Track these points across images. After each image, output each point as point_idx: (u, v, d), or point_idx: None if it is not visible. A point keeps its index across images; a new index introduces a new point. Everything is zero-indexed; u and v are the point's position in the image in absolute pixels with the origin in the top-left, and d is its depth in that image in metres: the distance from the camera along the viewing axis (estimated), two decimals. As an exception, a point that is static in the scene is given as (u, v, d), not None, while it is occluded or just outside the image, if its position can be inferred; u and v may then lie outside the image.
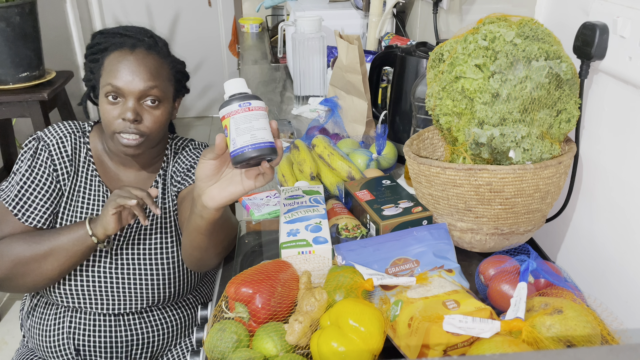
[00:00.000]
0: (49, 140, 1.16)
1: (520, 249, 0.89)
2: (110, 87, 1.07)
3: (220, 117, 0.81)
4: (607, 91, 0.90)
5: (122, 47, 1.09)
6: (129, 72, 1.07)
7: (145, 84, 1.07)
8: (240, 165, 0.80)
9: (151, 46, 1.11)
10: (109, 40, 1.11)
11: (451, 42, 0.94)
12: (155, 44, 1.12)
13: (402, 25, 2.13)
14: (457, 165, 0.87)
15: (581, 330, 0.65)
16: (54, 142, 1.16)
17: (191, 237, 0.99)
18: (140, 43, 1.10)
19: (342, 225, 0.99)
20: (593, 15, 0.88)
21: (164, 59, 1.13)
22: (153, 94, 1.08)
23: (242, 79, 0.83)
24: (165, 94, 1.11)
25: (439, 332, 0.67)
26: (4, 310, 2.36)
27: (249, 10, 3.33)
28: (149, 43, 1.11)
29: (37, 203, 1.13)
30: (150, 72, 1.08)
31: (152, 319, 1.20)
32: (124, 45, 1.09)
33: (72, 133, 1.18)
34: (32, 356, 1.23)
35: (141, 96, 1.08)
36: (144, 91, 1.07)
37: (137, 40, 1.10)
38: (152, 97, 1.09)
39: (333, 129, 1.46)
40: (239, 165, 0.80)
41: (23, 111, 2.02)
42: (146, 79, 1.07)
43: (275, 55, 2.46)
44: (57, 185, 1.15)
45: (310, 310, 0.73)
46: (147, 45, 1.11)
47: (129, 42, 1.10)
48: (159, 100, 1.10)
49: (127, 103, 1.07)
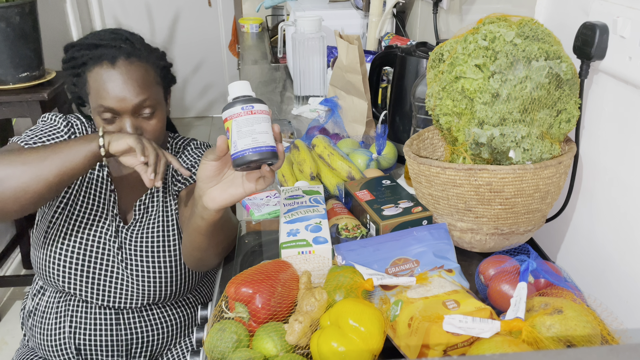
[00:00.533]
0: (71, 120, 1.18)
1: (520, 249, 0.89)
2: (102, 108, 1.06)
3: (223, 119, 0.81)
4: (607, 91, 0.90)
5: (101, 60, 1.06)
6: (118, 89, 1.05)
7: (137, 99, 1.06)
8: (241, 168, 0.80)
9: (130, 52, 1.08)
10: (85, 54, 1.09)
11: (451, 42, 0.94)
12: (133, 48, 1.09)
13: (402, 25, 2.13)
14: (457, 165, 0.87)
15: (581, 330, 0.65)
16: (78, 124, 1.18)
17: (191, 237, 1.00)
18: (118, 52, 1.07)
19: (342, 225, 0.99)
20: (593, 15, 0.88)
21: (146, 62, 1.10)
22: (147, 105, 1.07)
23: (246, 81, 0.83)
24: (157, 101, 1.11)
25: (439, 332, 0.67)
26: (4, 310, 2.36)
27: (249, 10, 3.33)
28: (127, 50, 1.08)
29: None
30: (139, 84, 1.06)
31: (151, 317, 1.20)
32: (102, 58, 1.06)
33: (85, 125, 1.20)
34: (32, 356, 1.23)
35: (135, 110, 1.07)
36: (137, 106, 1.06)
37: (114, 50, 1.07)
38: (147, 109, 1.08)
39: (333, 129, 1.46)
40: (240, 168, 0.80)
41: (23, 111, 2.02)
42: (137, 93, 1.06)
43: (275, 55, 2.46)
44: None
45: (310, 310, 0.73)
46: (126, 53, 1.08)
47: (107, 53, 1.07)
48: (154, 109, 1.09)
49: (124, 121, 1.07)
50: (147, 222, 1.19)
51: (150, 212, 1.19)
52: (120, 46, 1.09)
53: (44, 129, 1.15)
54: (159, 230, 1.19)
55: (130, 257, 1.17)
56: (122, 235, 1.17)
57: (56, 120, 1.18)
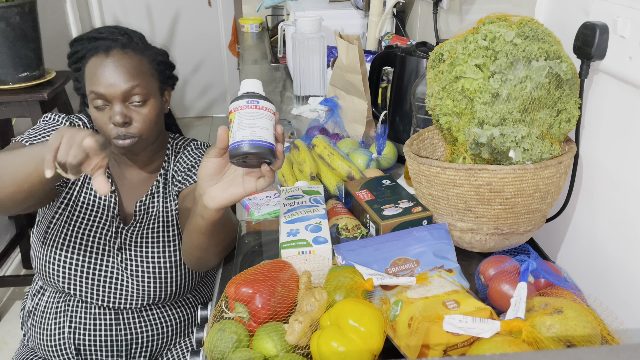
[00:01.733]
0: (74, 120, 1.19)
1: (520, 249, 0.89)
2: (93, 94, 1.07)
3: (228, 112, 0.81)
4: (607, 91, 0.89)
5: (97, 51, 1.09)
6: (108, 76, 1.06)
7: (127, 85, 1.07)
8: (237, 161, 0.80)
9: (126, 44, 1.10)
10: (85, 47, 1.11)
11: (451, 42, 0.94)
12: (130, 41, 1.11)
13: (402, 25, 2.13)
14: (457, 165, 0.87)
15: (581, 330, 0.65)
16: (80, 124, 1.19)
17: (191, 237, 1.00)
18: (114, 44, 1.09)
19: (342, 225, 0.99)
20: (593, 15, 0.88)
21: (141, 55, 1.12)
22: (136, 92, 1.08)
23: (259, 81, 0.83)
24: (149, 91, 1.11)
25: (439, 332, 0.67)
26: (4, 310, 2.36)
27: (249, 10, 3.33)
28: (123, 42, 1.10)
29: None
30: (129, 72, 1.07)
31: (151, 317, 1.20)
32: (98, 50, 1.09)
33: (88, 122, 1.21)
34: (32, 356, 1.23)
35: (125, 98, 1.07)
36: (126, 92, 1.07)
37: (111, 42, 1.09)
38: (136, 96, 1.08)
39: (333, 129, 1.46)
40: (235, 160, 0.79)
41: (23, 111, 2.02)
42: (126, 80, 1.07)
43: (275, 55, 2.46)
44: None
45: (310, 310, 0.73)
46: (121, 45, 1.10)
47: (103, 45, 1.09)
48: (145, 98, 1.10)
49: (114, 107, 1.07)
50: (147, 222, 1.19)
51: (150, 213, 1.19)
52: (117, 38, 1.10)
53: (46, 127, 1.16)
54: (159, 231, 1.19)
55: (130, 258, 1.17)
56: (122, 235, 1.17)
57: (58, 119, 1.18)
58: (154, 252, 1.18)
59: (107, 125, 1.08)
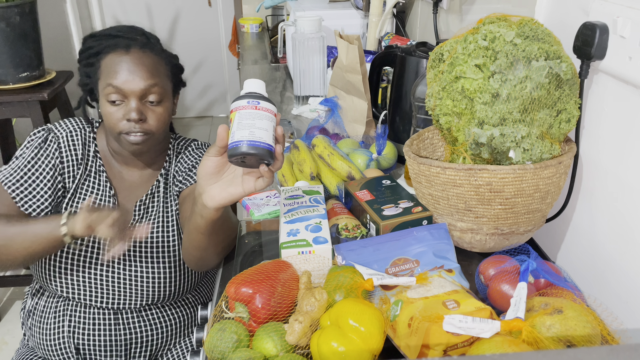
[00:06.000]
0: (59, 133, 1.17)
1: (520, 249, 0.89)
2: (111, 88, 1.07)
3: (230, 111, 0.81)
4: (607, 91, 0.90)
5: (116, 48, 1.09)
6: (128, 72, 1.07)
7: (146, 83, 1.08)
8: (235, 161, 0.80)
9: (145, 44, 1.11)
10: (101, 43, 1.11)
11: (451, 42, 0.94)
12: (148, 42, 1.13)
13: (402, 25, 2.13)
14: (457, 165, 0.87)
15: (581, 330, 0.65)
16: (64, 136, 1.17)
17: (191, 237, 1.00)
18: (133, 42, 1.10)
19: (342, 225, 0.99)
20: (593, 15, 0.88)
21: (159, 56, 1.13)
22: (154, 91, 1.09)
23: (262, 81, 0.83)
24: (165, 91, 1.12)
25: (439, 332, 0.67)
26: (4, 310, 2.36)
27: (249, 10, 3.33)
28: (142, 41, 1.12)
29: (37, 191, 1.13)
30: (149, 70, 1.09)
31: (151, 317, 1.20)
32: (117, 47, 1.09)
33: (82, 128, 1.20)
34: (32, 355, 1.23)
35: (143, 95, 1.08)
36: (145, 90, 1.08)
37: (130, 40, 1.10)
38: (153, 95, 1.09)
39: (333, 129, 1.46)
40: (233, 159, 0.79)
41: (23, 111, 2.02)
42: (146, 78, 1.08)
43: (275, 55, 2.46)
44: (61, 178, 1.15)
45: (310, 310, 0.73)
46: (140, 44, 1.11)
47: (122, 42, 1.10)
48: (161, 98, 1.11)
49: (130, 103, 1.08)
50: (146, 222, 1.19)
51: (150, 213, 1.19)
52: (136, 38, 1.12)
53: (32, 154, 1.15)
54: (159, 231, 1.19)
55: (130, 258, 1.17)
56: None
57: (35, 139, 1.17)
58: (154, 252, 1.18)
59: (120, 121, 1.08)
